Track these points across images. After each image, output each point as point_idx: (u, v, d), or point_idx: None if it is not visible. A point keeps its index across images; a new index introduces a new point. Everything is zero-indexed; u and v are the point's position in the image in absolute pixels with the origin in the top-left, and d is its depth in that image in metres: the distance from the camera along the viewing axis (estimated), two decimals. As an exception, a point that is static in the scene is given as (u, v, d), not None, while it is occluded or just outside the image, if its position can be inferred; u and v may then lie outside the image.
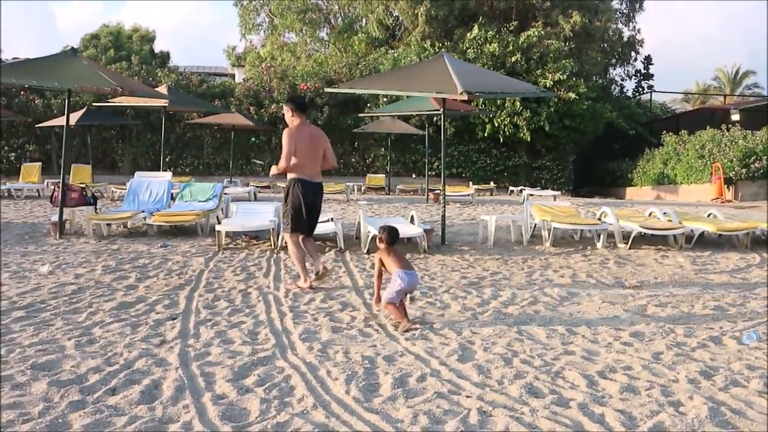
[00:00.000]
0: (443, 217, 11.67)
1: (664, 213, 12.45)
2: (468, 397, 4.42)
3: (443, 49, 13.57)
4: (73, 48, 12.86)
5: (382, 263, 6.48)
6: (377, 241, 6.61)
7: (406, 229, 11.13)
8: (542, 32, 28.31)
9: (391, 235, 6.49)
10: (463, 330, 6.05)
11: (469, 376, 4.82)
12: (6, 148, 26.80)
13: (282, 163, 7.86)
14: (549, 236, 11.42)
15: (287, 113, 8.07)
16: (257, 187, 22.37)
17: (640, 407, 4.28)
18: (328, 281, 8.10)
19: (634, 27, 35.50)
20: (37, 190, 21.28)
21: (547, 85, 26.26)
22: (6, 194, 20.53)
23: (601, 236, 11.43)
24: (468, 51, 27.48)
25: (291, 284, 7.88)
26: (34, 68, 11.86)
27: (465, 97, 10.35)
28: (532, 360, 5.20)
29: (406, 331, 5.94)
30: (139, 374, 4.76)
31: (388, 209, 17.90)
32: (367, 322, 6.31)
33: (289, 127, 8.04)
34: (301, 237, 7.82)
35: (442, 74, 10.68)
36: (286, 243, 8.12)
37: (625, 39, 34.51)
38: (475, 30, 27.73)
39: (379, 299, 6.52)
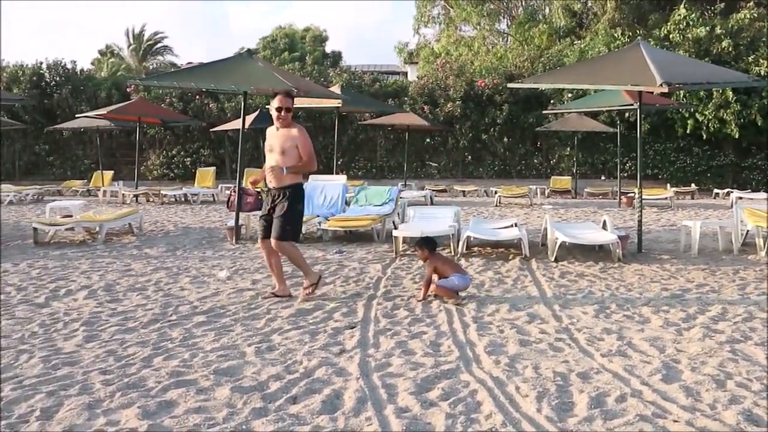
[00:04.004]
0: (639, 223, 11.31)
1: None
2: (675, 421, 4.25)
3: (639, 37, 13.14)
4: (249, 50, 13.57)
5: (435, 270, 7.70)
6: (421, 256, 7.98)
7: (597, 236, 10.90)
8: (755, 13, 26.68)
9: (429, 244, 7.88)
10: (666, 347, 5.83)
11: (675, 399, 4.64)
12: (182, 152, 28.65)
13: (314, 164, 7.73)
14: (764, 245, 10.78)
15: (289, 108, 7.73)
16: (433, 190, 22.61)
17: None
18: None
19: None
20: (212, 195, 22.61)
21: (761, 73, 24.69)
22: (183, 199, 21.96)
23: (828, 245, 10.66)
24: (671, 35, 26.25)
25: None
26: (212, 71, 12.61)
27: (665, 89, 9.95)
28: (750, 383, 4.93)
29: (456, 304, 7.36)
30: (320, 383, 4.93)
31: (575, 214, 17.59)
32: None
33: (298, 125, 7.79)
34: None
35: (638, 64, 10.33)
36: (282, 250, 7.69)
37: None
38: (682, 11, 26.44)
39: (423, 299, 7.62)
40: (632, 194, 18.92)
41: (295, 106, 20.87)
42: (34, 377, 5.03)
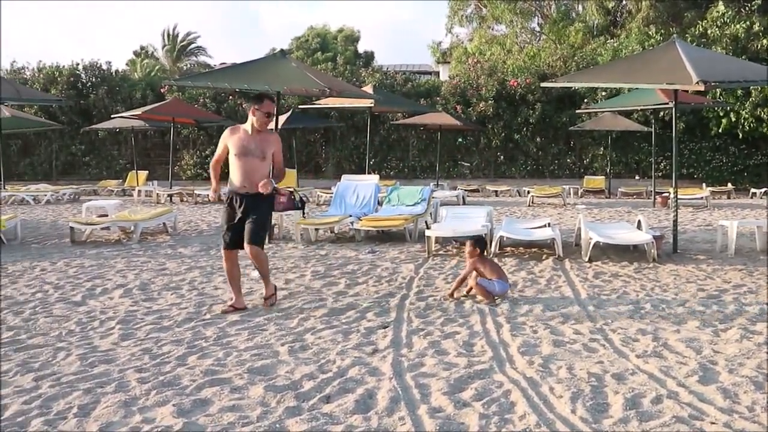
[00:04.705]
0: (675, 223, 11.20)
1: None
2: (713, 423, 4.20)
3: (674, 35, 13.02)
4: (282, 50, 13.62)
5: (475, 270, 7.69)
6: (468, 252, 7.87)
7: (632, 236, 10.82)
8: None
9: (480, 244, 7.92)
10: (703, 348, 5.76)
11: (712, 400, 4.58)
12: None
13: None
14: (803, 245, 10.62)
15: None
16: (466, 190, 22.55)
17: None
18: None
19: None
20: (246, 195, 22.68)
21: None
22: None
23: None
24: (710, 31, 25.83)
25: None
26: (245, 71, 12.69)
27: (701, 88, 9.85)
28: (789, 385, 4.86)
29: (487, 303, 7.37)
30: (353, 383, 4.94)
31: (609, 214, 17.46)
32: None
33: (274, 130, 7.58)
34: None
35: (674, 63, 10.24)
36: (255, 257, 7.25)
37: None
38: (721, 7, 26.05)
39: (451, 295, 7.74)
40: (667, 194, 18.74)
41: (327, 105, 20.97)
42: (71, 374, 5.10)
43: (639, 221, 11.24)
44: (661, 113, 23.85)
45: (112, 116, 25.58)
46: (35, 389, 4.81)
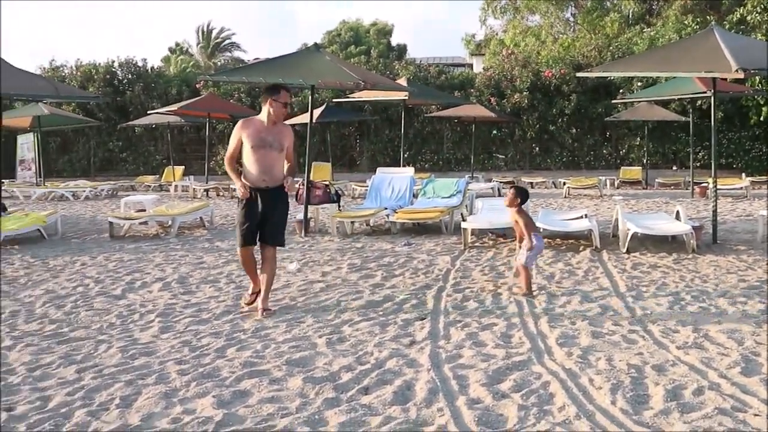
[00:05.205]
0: (714, 213, 11.06)
1: None
2: (756, 415, 4.14)
3: (712, 22, 12.84)
4: (316, 44, 13.65)
5: (519, 223, 7.58)
6: (508, 200, 7.75)
7: (671, 227, 10.71)
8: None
9: (522, 193, 7.79)
10: (745, 339, 5.68)
11: (756, 392, 4.52)
12: (251, 147, 28.98)
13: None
14: None
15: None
16: (500, 182, 22.46)
17: None
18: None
19: None
20: (280, 189, 22.81)
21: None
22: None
23: None
24: (749, 18, 25.35)
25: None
26: (279, 66, 12.73)
27: (740, 75, 9.69)
28: (834, 376, 4.78)
29: (524, 295, 7.27)
30: (391, 374, 4.95)
31: (647, 204, 17.28)
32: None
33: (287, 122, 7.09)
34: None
35: (712, 50, 10.08)
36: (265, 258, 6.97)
37: None
38: None
39: (530, 248, 7.44)
40: (705, 184, 18.51)
41: (361, 99, 20.99)
42: (113, 366, 5.17)
43: (678, 212, 11.12)
44: (699, 102, 23.51)
45: (148, 112, 25.80)
46: (78, 381, 4.89)
